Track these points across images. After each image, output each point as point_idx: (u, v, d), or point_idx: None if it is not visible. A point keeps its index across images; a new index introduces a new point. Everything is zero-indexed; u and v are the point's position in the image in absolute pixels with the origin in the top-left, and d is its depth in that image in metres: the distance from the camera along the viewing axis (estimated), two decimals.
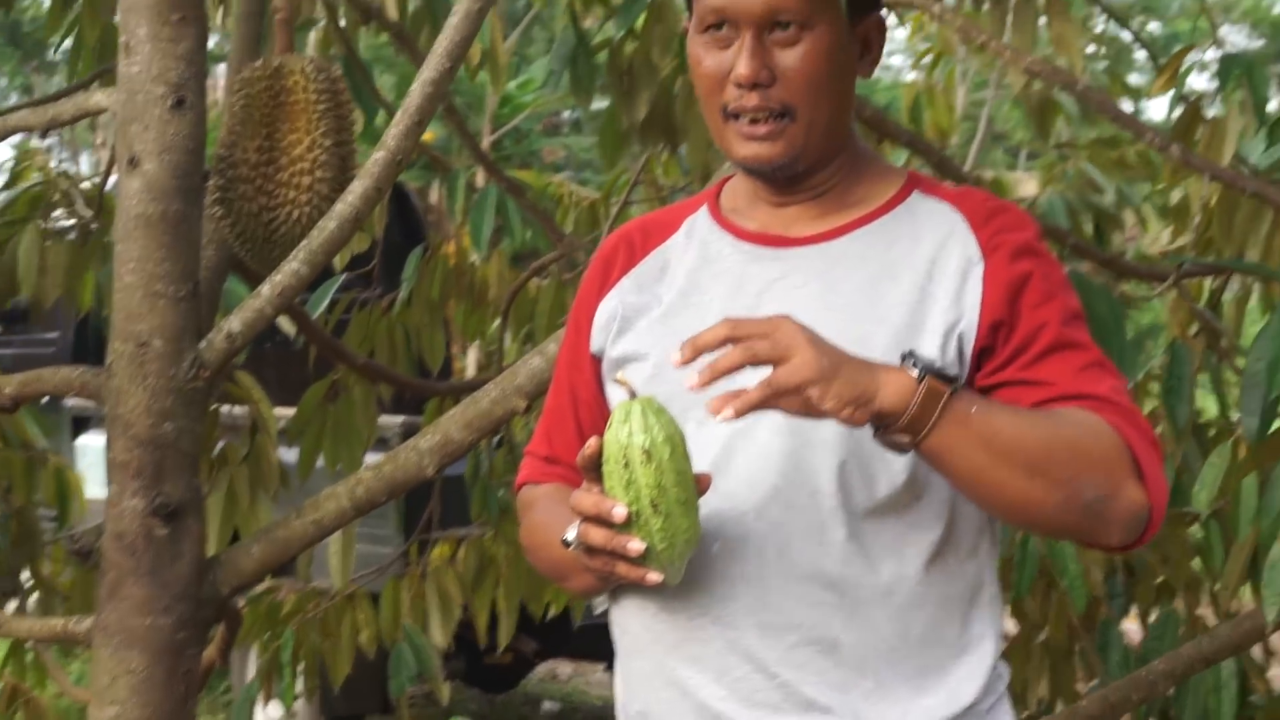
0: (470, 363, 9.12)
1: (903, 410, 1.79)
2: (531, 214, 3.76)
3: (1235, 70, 2.84)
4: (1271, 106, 3.35)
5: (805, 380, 1.74)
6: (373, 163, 2.75)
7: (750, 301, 2.01)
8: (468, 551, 4.39)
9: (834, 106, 2.01)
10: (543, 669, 8.54)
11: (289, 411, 4.04)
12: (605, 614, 2.12)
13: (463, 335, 4.56)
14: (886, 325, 1.94)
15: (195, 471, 2.73)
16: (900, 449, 1.84)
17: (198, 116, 2.71)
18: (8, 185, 4.12)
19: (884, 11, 2.10)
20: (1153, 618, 3.75)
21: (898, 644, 1.92)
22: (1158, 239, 5.19)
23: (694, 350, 1.78)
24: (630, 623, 2.03)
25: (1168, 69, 3.21)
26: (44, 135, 3.08)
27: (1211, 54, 3.30)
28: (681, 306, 2.05)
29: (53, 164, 4.14)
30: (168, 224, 2.68)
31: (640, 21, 3.89)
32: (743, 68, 1.96)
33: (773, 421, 1.89)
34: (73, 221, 3.99)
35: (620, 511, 1.79)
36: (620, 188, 4.68)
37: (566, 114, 22.55)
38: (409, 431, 6.70)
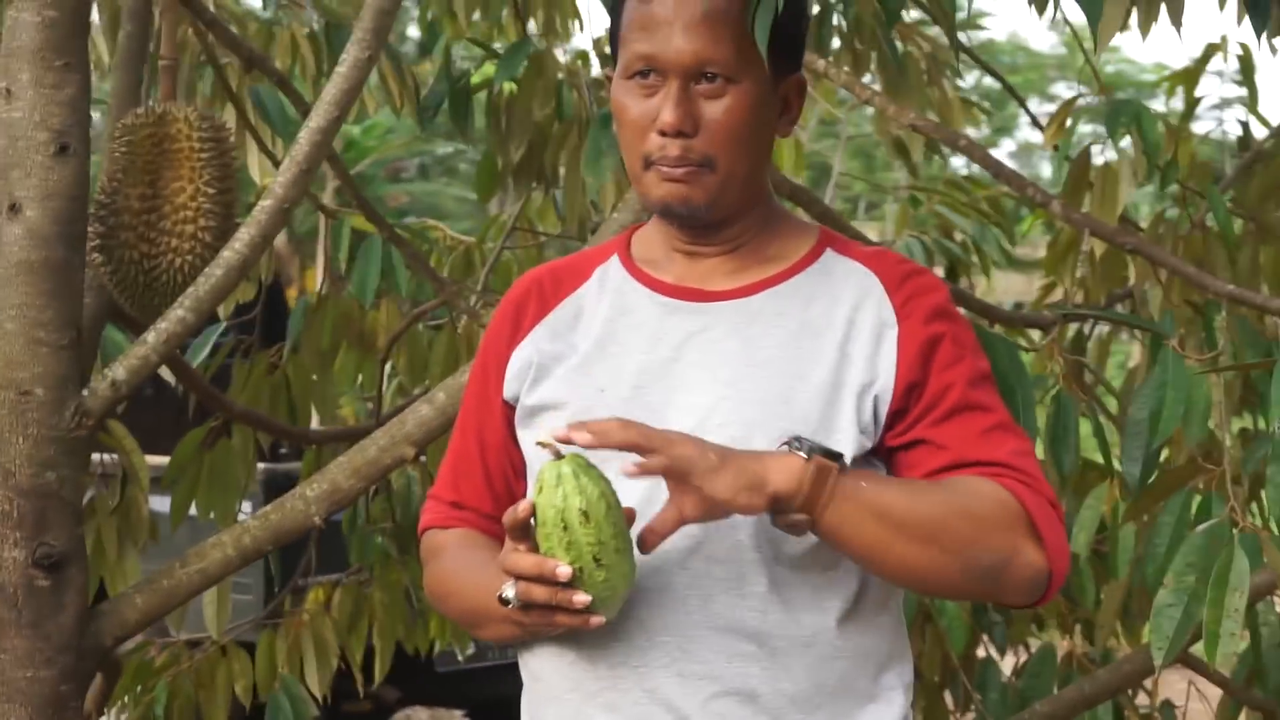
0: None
1: (796, 490, 1.84)
2: (414, 262, 3.76)
3: (1123, 117, 2.91)
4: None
5: (690, 465, 1.81)
6: (260, 210, 2.75)
7: (669, 354, 2.03)
8: (343, 597, 4.35)
9: (752, 161, 2.04)
10: (399, 716, 8.49)
11: (161, 460, 3.99)
12: (468, 660, 2.13)
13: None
14: (809, 383, 1.98)
15: (78, 521, 2.70)
16: (798, 530, 1.88)
17: (81, 163, 2.69)
18: None
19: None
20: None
21: (813, 694, 1.95)
22: (992, 288, 5.29)
23: (590, 435, 1.82)
24: (544, 669, 2.03)
25: (1057, 119, 3.29)
26: None
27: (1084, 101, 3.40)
28: (599, 356, 2.07)
29: None
30: (50, 271, 2.65)
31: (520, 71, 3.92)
32: (668, 115, 1.99)
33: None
34: None
35: (565, 571, 1.81)
36: (496, 232, 4.70)
37: (411, 161, 22.56)
38: (270, 480, 6.63)
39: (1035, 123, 3.58)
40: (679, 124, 1.98)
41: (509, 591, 1.87)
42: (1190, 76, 4.05)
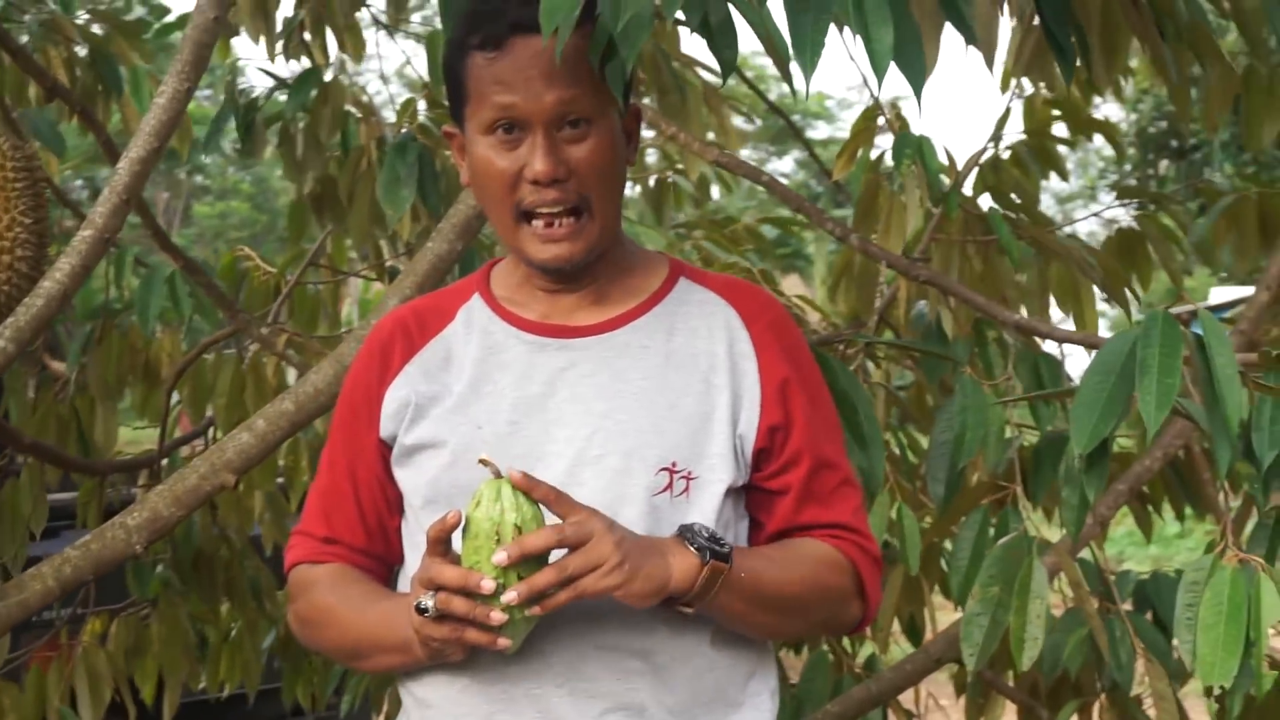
0: None
1: (689, 589, 1.96)
2: (209, 292, 3.75)
3: (907, 149, 3.09)
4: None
5: (610, 587, 1.90)
6: (80, 240, 2.75)
7: (539, 390, 2.10)
8: (120, 629, 4.30)
9: (617, 197, 2.11)
10: None
11: None
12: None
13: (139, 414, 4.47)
14: (679, 412, 2.07)
15: None
16: (681, 612, 2.01)
17: None
18: None
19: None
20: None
21: (691, 704, 2.06)
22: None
23: (521, 554, 1.86)
24: (433, 696, 2.08)
25: (846, 151, 3.47)
26: None
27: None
28: (473, 396, 2.11)
29: None
30: None
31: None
32: (540, 164, 2.03)
33: (586, 498, 1.97)
34: None
35: (489, 584, 1.87)
36: (295, 264, 4.69)
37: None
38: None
39: (819, 164, 3.74)
40: (553, 171, 2.03)
41: (427, 601, 1.91)
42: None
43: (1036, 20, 3.33)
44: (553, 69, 2.02)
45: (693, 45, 4.32)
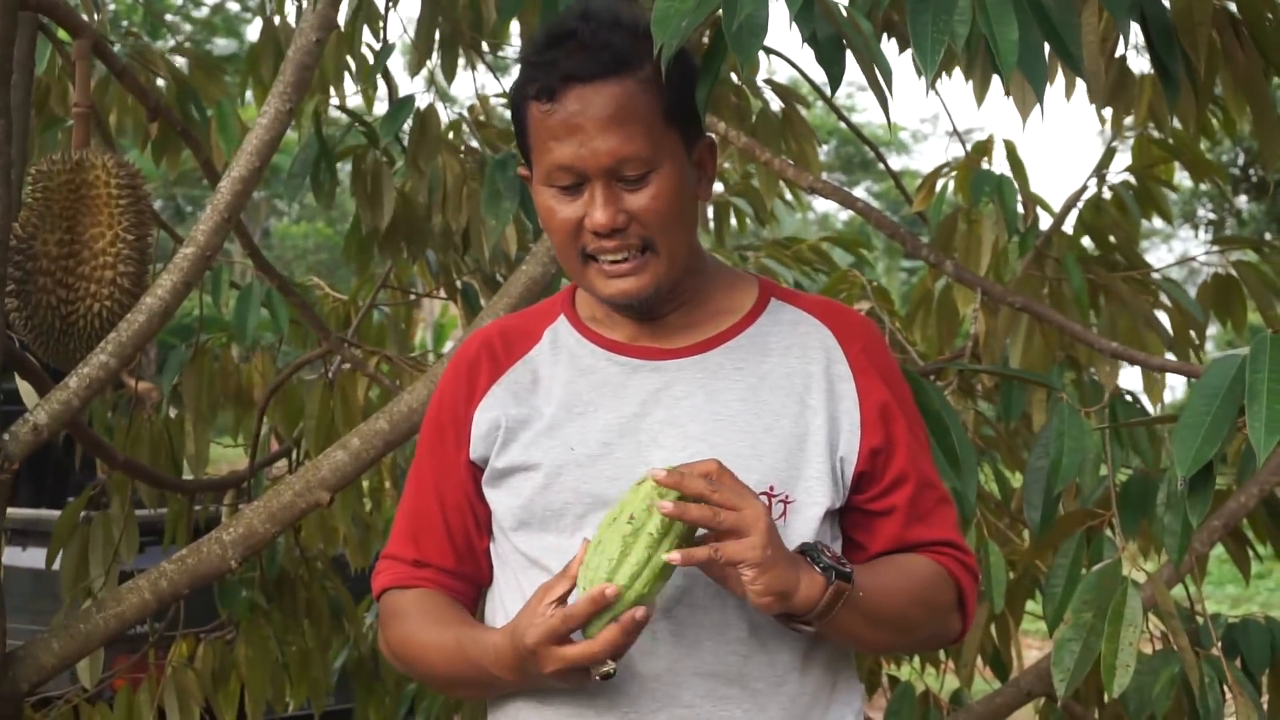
0: None
1: (812, 608, 1.96)
2: (301, 312, 3.79)
3: (987, 187, 3.09)
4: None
5: (750, 561, 1.90)
6: (181, 257, 2.78)
7: (633, 411, 2.10)
8: (206, 651, 4.33)
9: (687, 234, 2.11)
10: None
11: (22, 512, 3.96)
12: None
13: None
14: (775, 435, 2.07)
15: None
16: (801, 631, 2.02)
17: (5, 208, 2.70)
18: None
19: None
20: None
21: None
22: None
23: (674, 480, 1.89)
24: (530, 718, 2.09)
25: (926, 186, 3.47)
26: None
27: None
28: (565, 418, 2.12)
29: None
30: None
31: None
32: (600, 216, 2.04)
33: (677, 526, 1.95)
34: None
35: (613, 589, 1.88)
36: (366, 290, 4.73)
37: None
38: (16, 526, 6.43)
39: (904, 194, 3.75)
40: (611, 223, 2.05)
41: (609, 668, 1.92)
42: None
43: (1119, 51, 3.34)
44: (606, 121, 2.03)
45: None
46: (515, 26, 4.34)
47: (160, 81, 3.99)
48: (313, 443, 4.08)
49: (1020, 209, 3.56)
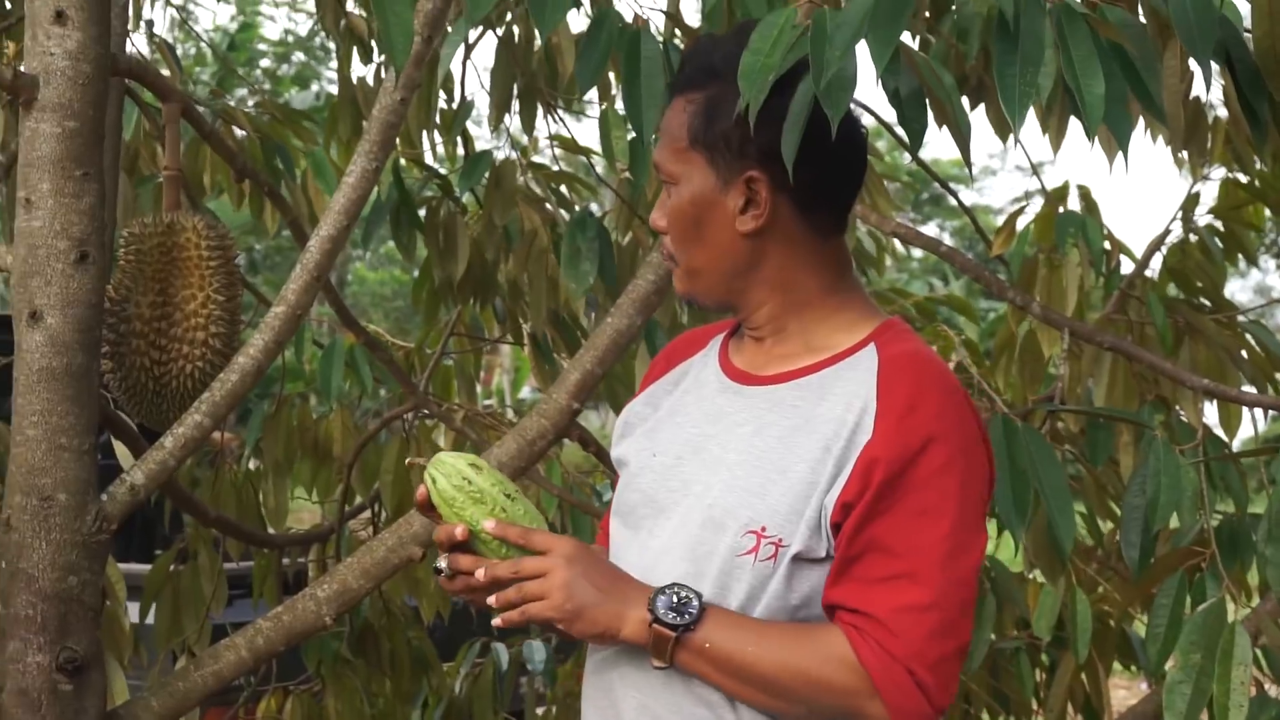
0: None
1: (643, 644, 2.08)
2: (388, 367, 3.82)
3: (1071, 228, 3.09)
4: None
5: (549, 619, 2.08)
6: (273, 316, 2.81)
7: (710, 430, 2.19)
8: (295, 705, 4.36)
9: (710, 254, 2.19)
10: None
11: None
12: None
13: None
14: (788, 477, 2.09)
15: (98, 625, 2.71)
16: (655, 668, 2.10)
17: (100, 271, 2.74)
18: None
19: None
20: None
21: None
22: None
23: (490, 579, 2.10)
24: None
25: (1005, 228, 3.47)
26: None
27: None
28: (665, 424, 2.26)
29: None
30: (71, 377, 2.69)
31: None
32: (653, 213, 2.26)
33: (683, 542, 2.14)
34: None
35: (463, 530, 2.12)
36: (434, 339, 4.76)
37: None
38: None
39: (984, 237, 3.75)
40: (654, 222, 2.26)
41: (441, 562, 2.16)
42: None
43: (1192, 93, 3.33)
44: (666, 132, 2.21)
45: None
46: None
47: (240, 132, 4.05)
48: (389, 497, 4.11)
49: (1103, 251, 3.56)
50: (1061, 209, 3.62)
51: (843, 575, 2.05)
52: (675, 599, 2.05)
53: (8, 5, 4.11)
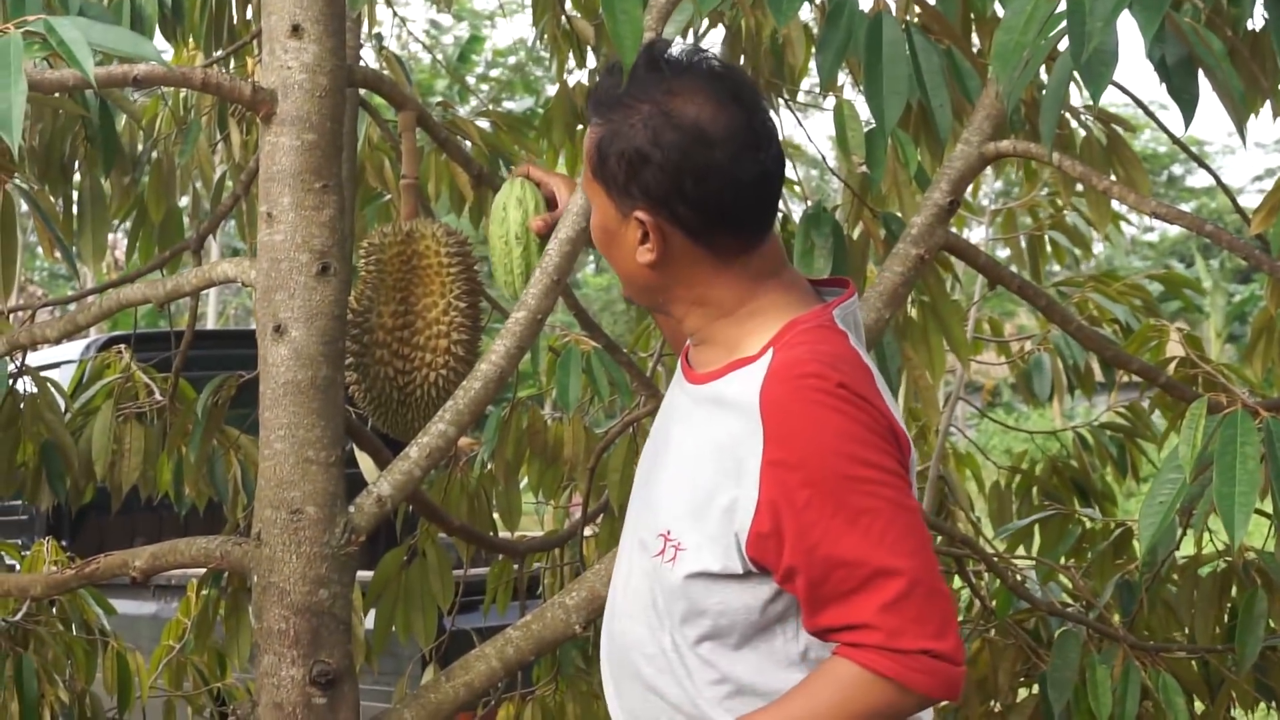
0: None
1: None
2: (628, 370, 3.78)
3: None
4: None
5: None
6: (514, 322, 2.77)
7: (663, 424, 2.30)
8: (532, 711, 4.34)
9: (625, 274, 2.25)
10: None
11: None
12: None
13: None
14: (692, 487, 2.13)
15: (349, 638, 2.71)
16: None
17: (342, 282, 2.74)
18: (89, 382, 4.11)
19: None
20: None
21: None
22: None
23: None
24: None
25: (1265, 206, 3.29)
26: (162, 308, 3.08)
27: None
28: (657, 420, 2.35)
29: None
30: (316, 390, 2.69)
31: None
32: None
33: (626, 542, 2.27)
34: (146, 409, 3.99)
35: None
36: (643, 342, 4.73)
37: None
38: None
39: (1243, 215, 3.57)
40: None
41: None
42: None
43: None
44: (584, 153, 2.25)
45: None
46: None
47: (468, 143, 4.05)
48: (615, 498, 4.07)
49: None
50: None
51: (818, 600, 2.06)
52: None
53: (225, 33, 4.17)
